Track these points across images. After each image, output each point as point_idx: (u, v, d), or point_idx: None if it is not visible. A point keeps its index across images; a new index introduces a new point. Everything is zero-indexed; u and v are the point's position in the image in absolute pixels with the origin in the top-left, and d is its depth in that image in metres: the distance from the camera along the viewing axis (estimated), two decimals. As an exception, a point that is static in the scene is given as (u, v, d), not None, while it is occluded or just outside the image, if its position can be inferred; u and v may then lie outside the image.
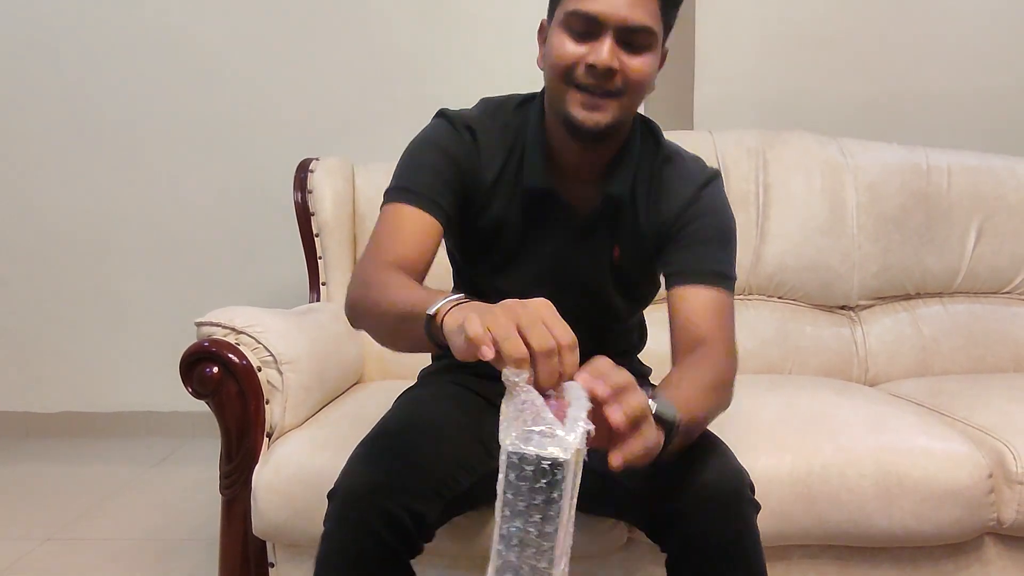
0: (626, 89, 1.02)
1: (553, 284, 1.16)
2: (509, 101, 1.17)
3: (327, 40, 2.51)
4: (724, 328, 1.06)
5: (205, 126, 2.57)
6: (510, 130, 1.14)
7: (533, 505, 0.61)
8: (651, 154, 1.15)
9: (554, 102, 1.07)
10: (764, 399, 1.49)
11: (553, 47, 1.03)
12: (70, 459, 2.51)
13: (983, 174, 1.94)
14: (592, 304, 1.19)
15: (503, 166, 1.13)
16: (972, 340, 1.87)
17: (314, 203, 1.88)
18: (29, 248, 2.65)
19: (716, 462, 0.97)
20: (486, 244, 1.17)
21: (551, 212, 1.14)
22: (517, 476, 0.61)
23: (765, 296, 1.91)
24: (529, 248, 1.16)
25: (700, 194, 1.12)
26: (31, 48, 2.57)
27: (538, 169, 1.11)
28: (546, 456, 0.60)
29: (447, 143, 1.10)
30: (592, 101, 1.02)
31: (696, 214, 1.11)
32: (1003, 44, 2.40)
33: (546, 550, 0.62)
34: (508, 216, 1.14)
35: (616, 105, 1.02)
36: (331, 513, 0.95)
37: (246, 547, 1.34)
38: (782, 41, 2.41)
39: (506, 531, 0.62)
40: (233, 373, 1.32)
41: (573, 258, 1.16)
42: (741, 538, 0.94)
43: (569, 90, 1.02)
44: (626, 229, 1.15)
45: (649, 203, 1.13)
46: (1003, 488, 1.31)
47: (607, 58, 0.99)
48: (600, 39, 0.99)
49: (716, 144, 1.94)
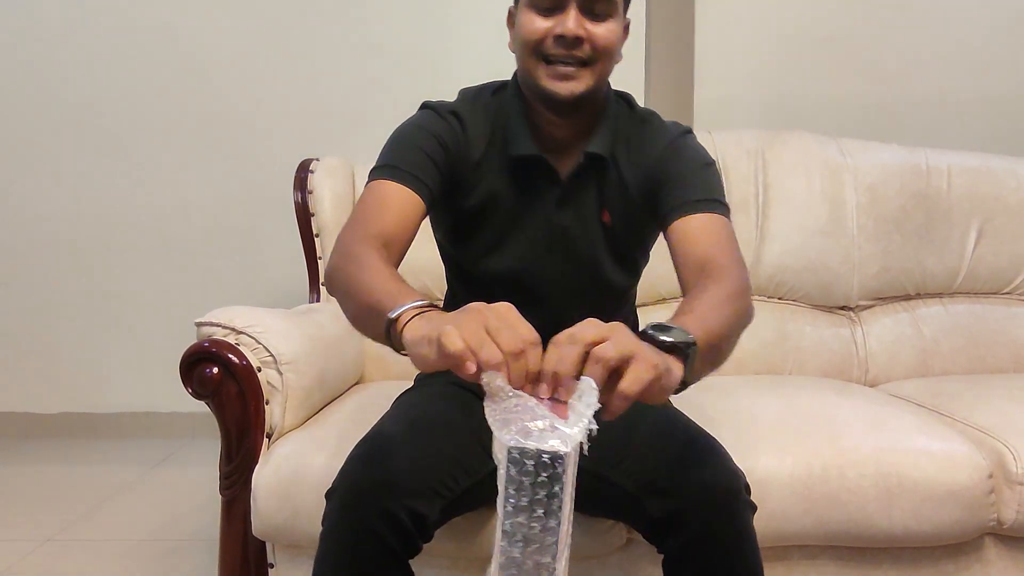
0: (595, 55, 1.07)
1: (547, 256, 1.18)
2: (486, 88, 1.22)
3: (327, 40, 2.51)
4: (727, 247, 1.06)
5: (205, 126, 2.58)
6: (491, 110, 1.18)
7: (536, 500, 0.62)
8: (627, 116, 1.20)
9: (528, 78, 1.11)
10: (764, 400, 1.49)
11: (522, 25, 1.08)
12: (70, 460, 2.51)
13: (983, 175, 1.94)
14: (587, 274, 1.21)
15: (488, 143, 1.17)
16: (972, 341, 1.87)
17: (314, 203, 1.88)
18: (28, 249, 2.65)
19: (712, 463, 0.97)
20: (477, 224, 1.19)
21: (538, 179, 1.17)
22: (519, 471, 0.61)
23: (765, 297, 1.91)
24: (521, 220, 1.18)
25: (677, 140, 1.16)
26: (30, 48, 2.57)
27: (523, 137, 1.15)
28: (547, 450, 0.61)
29: (433, 126, 1.14)
30: (564, 71, 1.07)
31: (676, 154, 1.15)
32: (1003, 46, 2.41)
33: (549, 544, 0.62)
34: (498, 189, 1.17)
35: (588, 73, 1.08)
36: (329, 513, 0.95)
37: (246, 548, 1.34)
38: (782, 42, 2.42)
39: (509, 527, 0.62)
40: (233, 373, 1.32)
41: (565, 225, 1.18)
42: (737, 539, 0.94)
43: (540, 64, 1.08)
44: (612, 190, 1.17)
45: (630, 160, 1.17)
46: (1003, 489, 1.31)
47: (573, 26, 1.04)
48: (565, 11, 1.05)
49: (716, 145, 1.94)
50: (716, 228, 1.07)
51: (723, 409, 1.41)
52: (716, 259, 1.02)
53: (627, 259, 1.24)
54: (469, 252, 1.22)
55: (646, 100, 2.44)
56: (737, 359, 1.82)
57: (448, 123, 1.15)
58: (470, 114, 1.16)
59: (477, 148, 1.16)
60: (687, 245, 1.06)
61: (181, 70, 2.56)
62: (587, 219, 1.18)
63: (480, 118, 1.17)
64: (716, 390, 1.56)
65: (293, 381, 1.40)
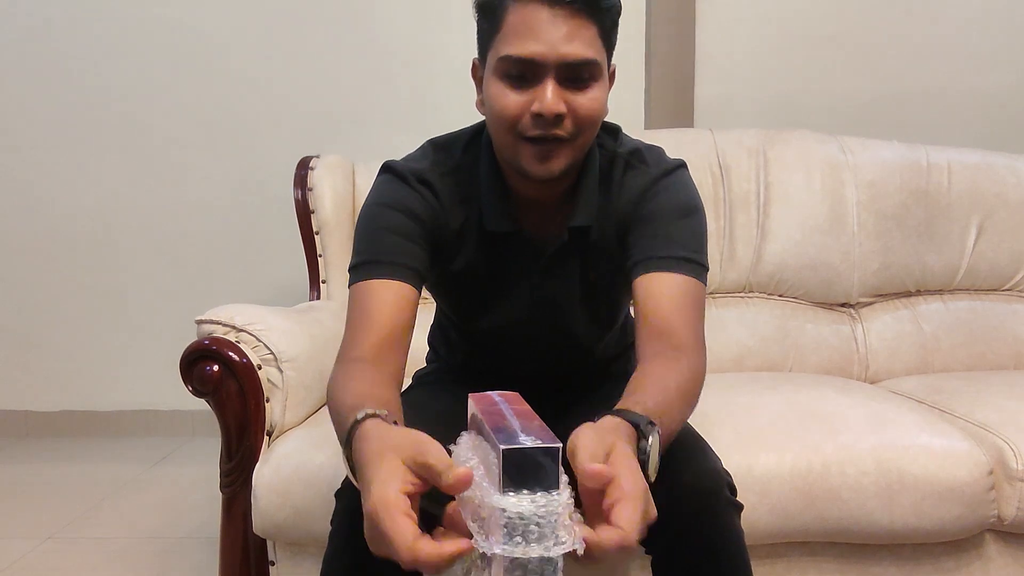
0: (578, 131, 0.96)
1: (533, 322, 1.15)
2: (456, 142, 1.10)
3: (328, 37, 2.51)
4: (690, 319, 0.98)
5: (205, 123, 2.58)
6: (463, 174, 1.07)
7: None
8: (609, 162, 1.08)
9: (504, 154, 1.01)
10: (765, 397, 1.49)
11: (493, 99, 0.96)
12: (70, 458, 2.51)
13: (983, 172, 1.94)
14: (567, 337, 1.16)
15: (466, 214, 1.07)
16: (972, 337, 1.87)
17: (314, 201, 1.88)
18: (29, 246, 2.65)
19: (692, 463, 0.94)
20: (460, 289, 1.14)
21: (518, 252, 1.09)
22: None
23: (766, 294, 1.91)
24: (502, 291, 1.12)
25: (657, 183, 1.06)
26: (32, 44, 2.57)
27: (497, 212, 1.05)
28: (536, 556, 0.59)
29: (406, 201, 1.04)
30: (544, 151, 0.96)
31: (652, 199, 1.04)
32: (1003, 42, 2.40)
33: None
34: (476, 263, 1.10)
35: (568, 150, 0.97)
36: (339, 512, 0.94)
37: (246, 546, 1.34)
38: (782, 40, 2.41)
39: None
40: (233, 371, 1.32)
41: (549, 296, 1.12)
42: (720, 539, 0.92)
43: (518, 143, 0.97)
44: (593, 251, 1.09)
45: (611, 213, 1.07)
46: (1003, 485, 1.31)
47: (552, 103, 0.92)
48: (542, 83, 0.93)
49: (716, 143, 1.94)
50: (682, 293, 0.98)
51: (724, 406, 1.41)
52: (676, 332, 0.95)
53: (607, 316, 1.18)
54: (455, 307, 1.20)
55: (647, 99, 2.44)
56: (737, 356, 1.83)
57: (419, 194, 1.04)
58: (441, 181, 1.06)
59: (455, 218, 1.07)
60: (648, 305, 0.98)
61: (181, 67, 2.55)
62: (572, 286, 1.12)
63: (452, 185, 1.06)
64: (716, 387, 1.55)
65: (293, 379, 1.40)
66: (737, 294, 1.91)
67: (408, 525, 0.63)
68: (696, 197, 1.08)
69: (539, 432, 0.63)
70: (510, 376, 1.22)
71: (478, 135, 1.10)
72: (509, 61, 0.94)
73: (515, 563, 0.59)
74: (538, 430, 0.63)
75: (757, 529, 1.25)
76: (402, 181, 1.05)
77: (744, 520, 0.97)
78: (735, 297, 1.91)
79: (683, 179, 1.08)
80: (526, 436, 0.62)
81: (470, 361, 1.27)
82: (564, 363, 1.21)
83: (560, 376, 1.21)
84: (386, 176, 1.07)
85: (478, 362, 1.25)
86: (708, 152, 1.93)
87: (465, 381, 1.23)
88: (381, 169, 1.09)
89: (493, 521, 0.60)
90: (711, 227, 1.89)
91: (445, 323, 1.28)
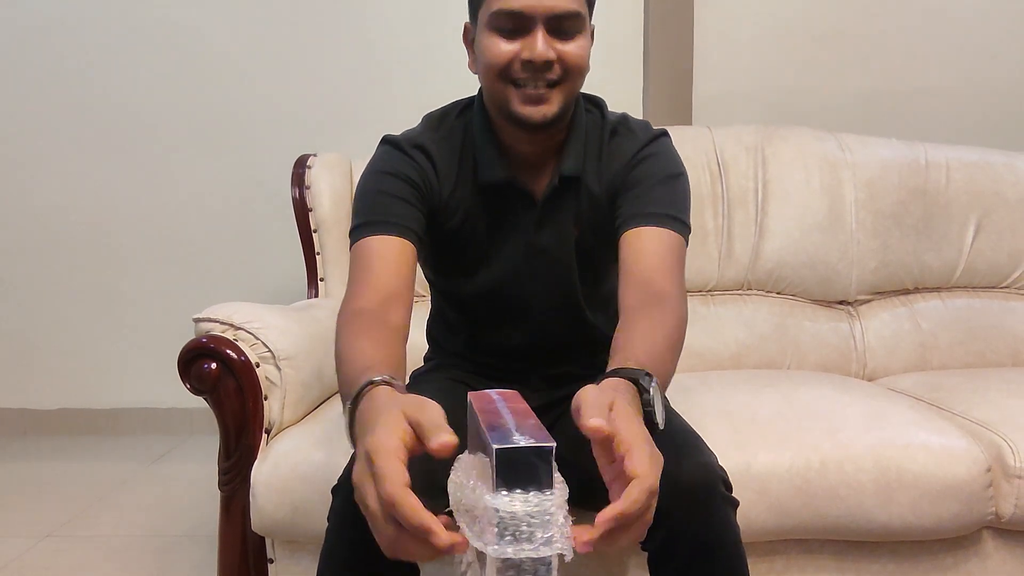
0: (566, 76, 1.04)
1: (527, 276, 1.17)
2: (451, 110, 1.18)
3: (325, 36, 2.51)
4: (672, 270, 1.03)
5: (203, 122, 2.57)
6: (457, 134, 1.15)
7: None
8: (597, 127, 1.16)
9: (496, 102, 1.07)
10: (763, 394, 1.49)
11: (485, 49, 1.04)
12: (68, 456, 2.51)
13: (981, 170, 1.94)
14: (567, 290, 1.19)
15: (459, 171, 1.14)
16: (970, 335, 1.87)
17: (312, 199, 1.87)
18: (27, 245, 2.65)
19: (686, 459, 0.95)
20: (455, 246, 1.17)
21: (512, 202, 1.14)
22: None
23: (764, 292, 1.91)
24: (499, 242, 1.16)
25: (644, 149, 1.13)
26: (30, 45, 2.56)
27: (492, 162, 1.12)
28: (528, 557, 0.59)
29: (402, 167, 1.10)
30: (535, 94, 1.03)
31: (640, 163, 1.12)
32: (1001, 39, 2.40)
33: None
34: (474, 214, 1.14)
35: (559, 94, 1.04)
36: (336, 508, 0.95)
37: (245, 543, 1.34)
38: (780, 37, 2.42)
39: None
40: (231, 369, 1.32)
41: (543, 246, 1.16)
42: (715, 534, 0.93)
43: (509, 88, 1.04)
44: (584, 204, 1.15)
45: (599, 174, 1.14)
46: (1001, 482, 1.31)
47: (542, 50, 1.00)
48: (531, 33, 1.01)
49: (715, 140, 1.94)
50: (665, 247, 1.04)
51: (722, 403, 1.41)
52: (658, 283, 1.00)
53: (597, 269, 1.21)
54: (450, 273, 1.22)
55: (645, 96, 2.44)
56: (736, 354, 1.83)
57: (415, 160, 1.11)
58: (436, 145, 1.13)
59: (448, 179, 1.13)
60: (632, 259, 1.04)
61: (179, 67, 2.55)
62: (566, 238, 1.16)
63: (447, 147, 1.14)
64: (715, 385, 1.56)
65: (292, 377, 1.40)
66: (735, 292, 1.91)
67: (401, 469, 0.64)
68: (680, 163, 1.15)
69: (533, 431, 0.63)
70: (509, 351, 1.23)
71: (471, 103, 1.17)
72: (501, 15, 1.01)
73: (507, 563, 0.59)
74: (532, 429, 0.63)
75: (755, 526, 1.25)
76: (398, 149, 1.12)
77: (742, 518, 0.97)
78: (733, 295, 1.91)
79: (668, 145, 1.16)
80: (520, 435, 0.62)
81: (470, 340, 1.27)
82: (561, 327, 1.22)
83: (558, 347, 1.23)
84: (384, 147, 1.15)
85: (477, 338, 1.26)
86: (706, 150, 1.93)
87: (462, 378, 1.23)
88: (380, 143, 1.16)
89: (486, 520, 0.60)
90: (709, 225, 1.89)
91: (443, 305, 1.29)
